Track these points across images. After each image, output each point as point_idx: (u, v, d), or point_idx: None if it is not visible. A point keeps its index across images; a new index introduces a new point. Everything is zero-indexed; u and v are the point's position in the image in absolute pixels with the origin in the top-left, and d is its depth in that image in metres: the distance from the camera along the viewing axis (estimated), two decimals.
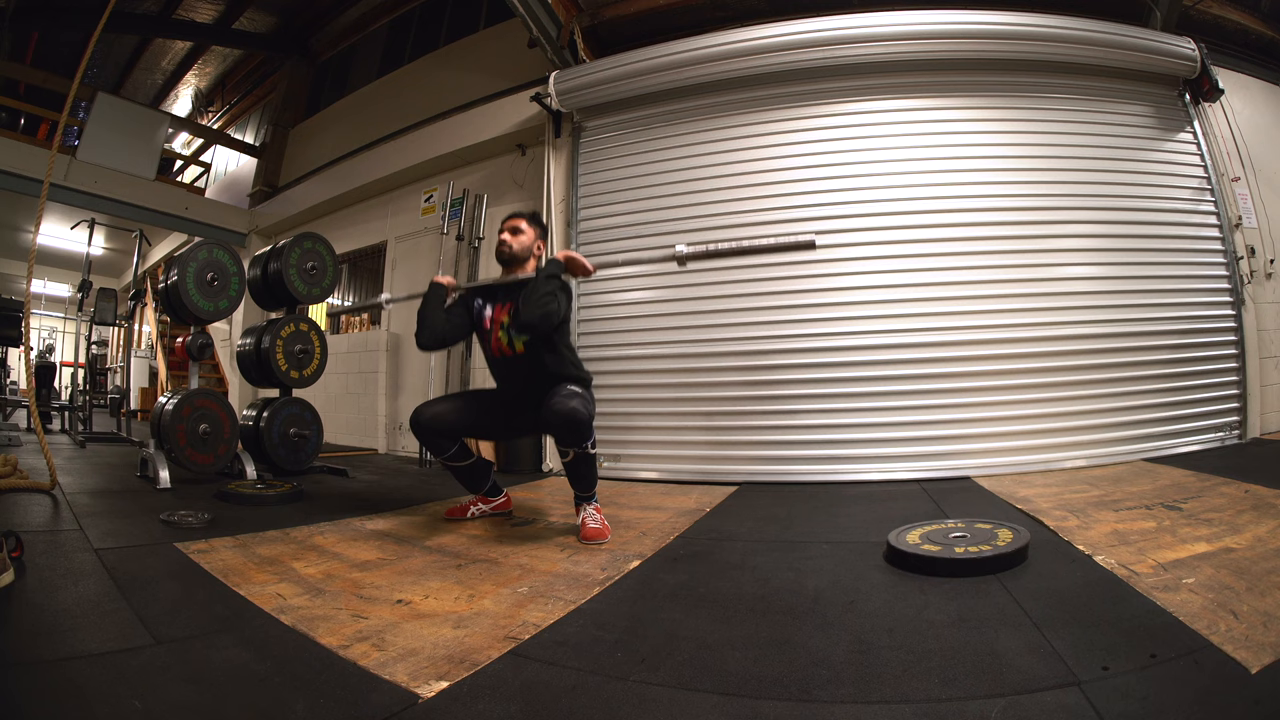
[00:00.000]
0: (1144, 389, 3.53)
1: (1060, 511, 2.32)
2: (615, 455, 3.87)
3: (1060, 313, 3.49)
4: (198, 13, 7.16)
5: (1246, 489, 2.45)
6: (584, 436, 2.20)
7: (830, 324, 3.55)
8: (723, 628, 1.43)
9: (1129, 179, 3.73)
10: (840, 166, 3.68)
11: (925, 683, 1.13)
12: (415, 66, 6.35)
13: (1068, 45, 3.68)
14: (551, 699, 1.11)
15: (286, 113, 7.80)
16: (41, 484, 2.72)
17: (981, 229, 3.54)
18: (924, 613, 1.45)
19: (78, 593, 1.55)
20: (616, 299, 4.05)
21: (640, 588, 1.73)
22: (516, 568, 1.91)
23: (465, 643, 1.33)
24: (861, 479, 3.33)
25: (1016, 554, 1.74)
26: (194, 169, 9.57)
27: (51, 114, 6.92)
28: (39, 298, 11.35)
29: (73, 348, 7.36)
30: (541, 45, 4.31)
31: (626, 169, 4.13)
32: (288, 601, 1.57)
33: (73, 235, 7.06)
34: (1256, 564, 1.60)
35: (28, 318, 3.18)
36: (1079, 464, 3.32)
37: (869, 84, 3.75)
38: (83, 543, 1.98)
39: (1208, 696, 1.03)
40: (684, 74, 3.90)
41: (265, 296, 3.87)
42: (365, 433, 5.64)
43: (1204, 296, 3.78)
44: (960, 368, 3.43)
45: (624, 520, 2.56)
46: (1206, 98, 3.96)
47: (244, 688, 1.14)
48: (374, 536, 2.30)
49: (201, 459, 3.21)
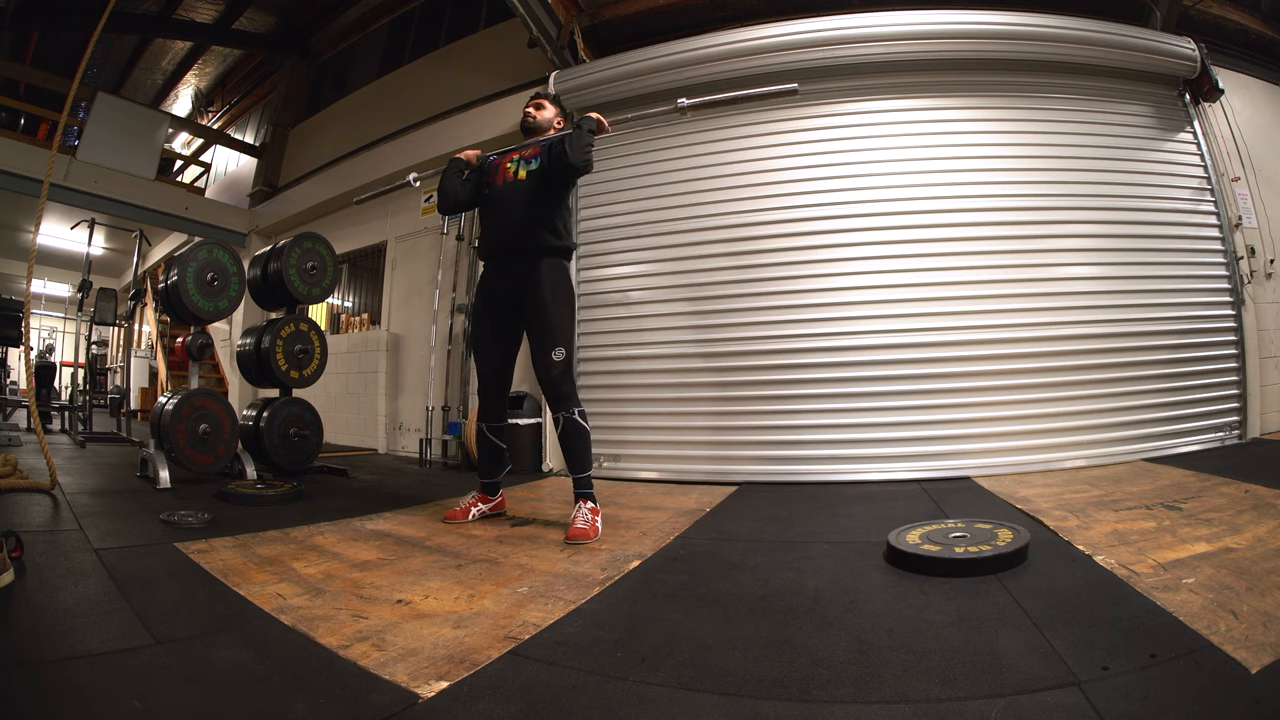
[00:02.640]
0: (1144, 389, 3.53)
1: (1060, 511, 2.31)
2: (615, 455, 3.87)
3: (1060, 313, 3.49)
4: (198, 13, 7.15)
5: (1246, 489, 2.45)
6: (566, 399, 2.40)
7: (830, 324, 3.55)
8: (723, 628, 1.43)
9: (1129, 179, 3.73)
10: (840, 166, 3.68)
11: (925, 683, 1.13)
12: (415, 66, 6.35)
13: (1068, 45, 3.68)
14: (551, 699, 1.11)
15: (286, 113, 7.80)
16: (41, 484, 2.72)
17: (981, 229, 3.54)
18: (924, 613, 1.45)
19: (78, 593, 1.55)
20: (617, 299, 4.05)
21: (640, 588, 1.73)
22: (516, 568, 1.91)
23: (465, 643, 1.33)
24: (861, 479, 3.33)
25: (1016, 554, 1.74)
26: (194, 169, 9.57)
27: (51, 114, 6.92)
28: (39, 298, 11.35)
29: (73, 348, 7.37)
30: (541, 45, 4.31)
31: (626, 169, 4.13)
32: (288, 601, 1.57)
33: (73, 235, 7.06)
34: (1256, 564, 1.60)
35: (28, 318, 3.18)
36: (1079, 464, 3.32)
37: (869, 84, 3.75)
38: (83, 543, 1.98)
39: (1208, 696, 1.03)
40: (684, 74, 3.90)
41: (265, 296, 3.88)
42: (365, 433, 5.64)
43: (1204, 296, 3.78)
44: (960, 368, 3.43)
45: (624, 520, 2.56)
46: (1206, 98, 3.96)
47: (244, 688, 1.14)
48: (374, 536, 2.30)
49: (201, 459, 3.21)
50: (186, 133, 9.43)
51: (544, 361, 2.41)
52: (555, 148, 2.43)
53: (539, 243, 2.46)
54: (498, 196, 2.55)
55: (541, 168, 2.48)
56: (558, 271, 2.48)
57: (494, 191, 2.57)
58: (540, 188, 2.48)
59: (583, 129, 2.38)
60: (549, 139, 2.52)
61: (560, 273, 2.49)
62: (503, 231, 2.52)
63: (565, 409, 2.40)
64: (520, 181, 2.50)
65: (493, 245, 2.56)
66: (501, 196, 2.54)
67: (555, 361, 2.39)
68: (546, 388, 2.43)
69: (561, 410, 2.41)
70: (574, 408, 2.41)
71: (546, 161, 2.47)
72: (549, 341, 2.41)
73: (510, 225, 2.49)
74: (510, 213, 2.50)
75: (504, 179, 2.54)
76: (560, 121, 2.69)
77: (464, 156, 2.63)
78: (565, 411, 2.40)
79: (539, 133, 2.62)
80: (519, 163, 2.53)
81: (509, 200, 2.51)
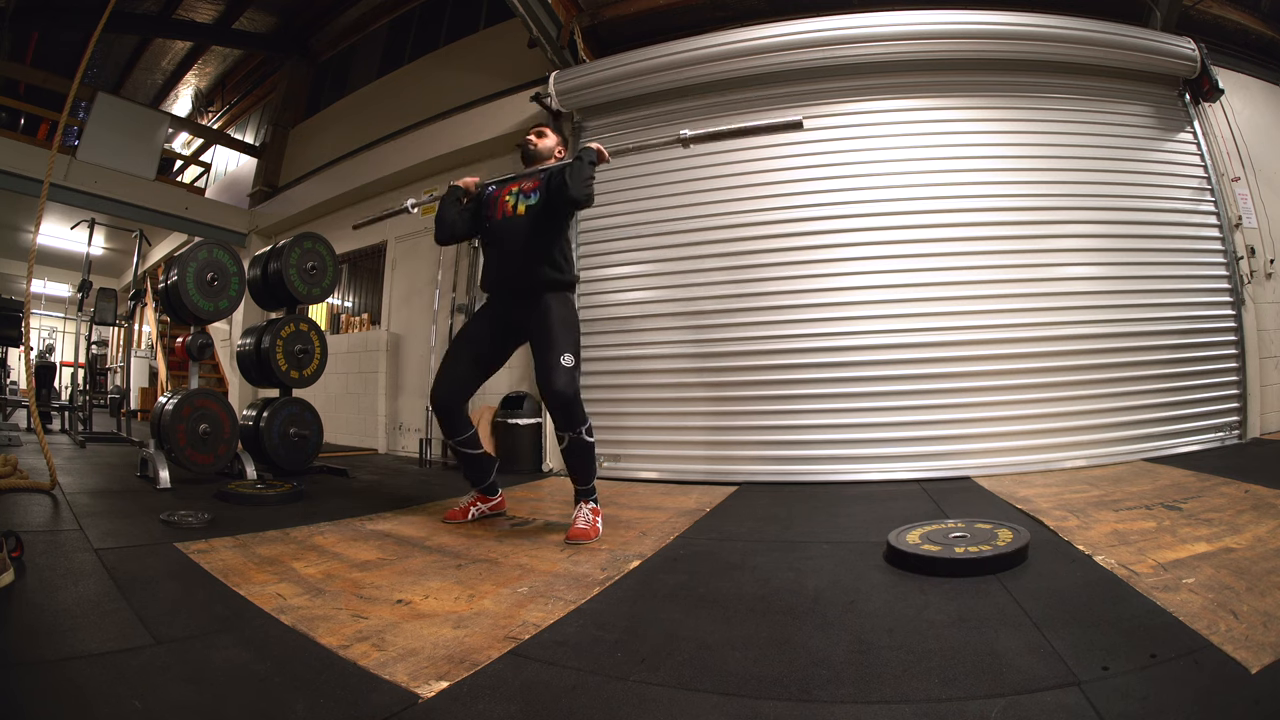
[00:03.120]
0: (1144, 389, 3.53)
1: (1060, 511, 2.31)
2: (615, 455, 3.87)
3: (1060, 313, 3.49)
4: (198, 13, 7.15)
5: (1246, 489, 2.45)
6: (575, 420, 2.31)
7: (830, 324, 3.55)
8: (723, 628, 1.43)
9: (1129, 179, 3.73)
10: (840, 166, 3.68)
11: (925, 683, 1.13)
12: (415, 66, 6.35)
13: (1068, 45, 3.68)
14: (551, 699, 1.11)
15: (286, 113, 7.80)
16: (41, 484, 2.72)
17: (981, 229, 3.54)
18: (924, 613, 1.45)
19: (78, 593, 1.55)
20: (617, 299, 4.05)
21: (640, 588, 1.73)
22: (516, 568, 1.91)
23: (465, 643, 1.33)
24: (862, 479, 3.33)
25: (1016, 554, 1.74)
26: (194, 169, 9.56)
27: (51, 114, 6.91)
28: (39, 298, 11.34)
29: (73, 348, 7.36)
30: (541, 45, 4.31)
31: (627, 169, 4.12)
32: (288, 601, 1.57)
33: (73, 235, 7.06)
34: (1256, 564, 1.60)
35: (28, 318, 3.18)
36: (1079, 464, 3.32)
37: (869, 84, 3.75)
38: (83, 543, 1.98)
39: (1208, 696, 1.03)
40: (684, 74, 3.90)
41: (265, 296, 3.87)
42: (365, 433, 5.64)
43: (1204, 296, 3.78)
44: (960, 368, 3.43)
45: (624, 520, 2.56)
46: (1206, 98, 3.96)
47: (244, 688, 1.14)
48: (374, 536, 2.30)
49: (201, 459, 3.21)
50: (186, 133, 9.43)
51: (552, 388, 2.31)
52: (555, 179, 2.38)
53: (541, 278, 2.42)
54: (497, 231, 2.52)
55: (541, 202, 2.44)
56: (564, 306, 2.43)
57: (493, 225, 2.53)
58: (539, 222, 2.44)
59: (583, 160, 2.35)
60: (549, 169, 2.47)
61: (566, 306, 2.45)
62: (503, 267, 2.50)
63: (572, 429, 2.34)
64: (519, 217, 2.46)
65: (494, 280, 2.54)
66: (501, 231, 2.50)
67: (561, 390, 2.29)
68: (556, 412, 2.33)
69: (568, 430, 2.34)
70: (580, 426, 2.34)
71: (546, 194, 2.43)
72: (559, 368, 2.31)
73: (511, 261, 2.46)
74: (510, 248, 2.47)
75: (503, 213, 2.50)
76: (561, 150, 2.65)
77: (462, 184, 2.58)
78: (572, 431, 2.34)
79: (539, 161, 2.58)
80: (518, 196, 2.49)
81: (508, 235, 2.48)
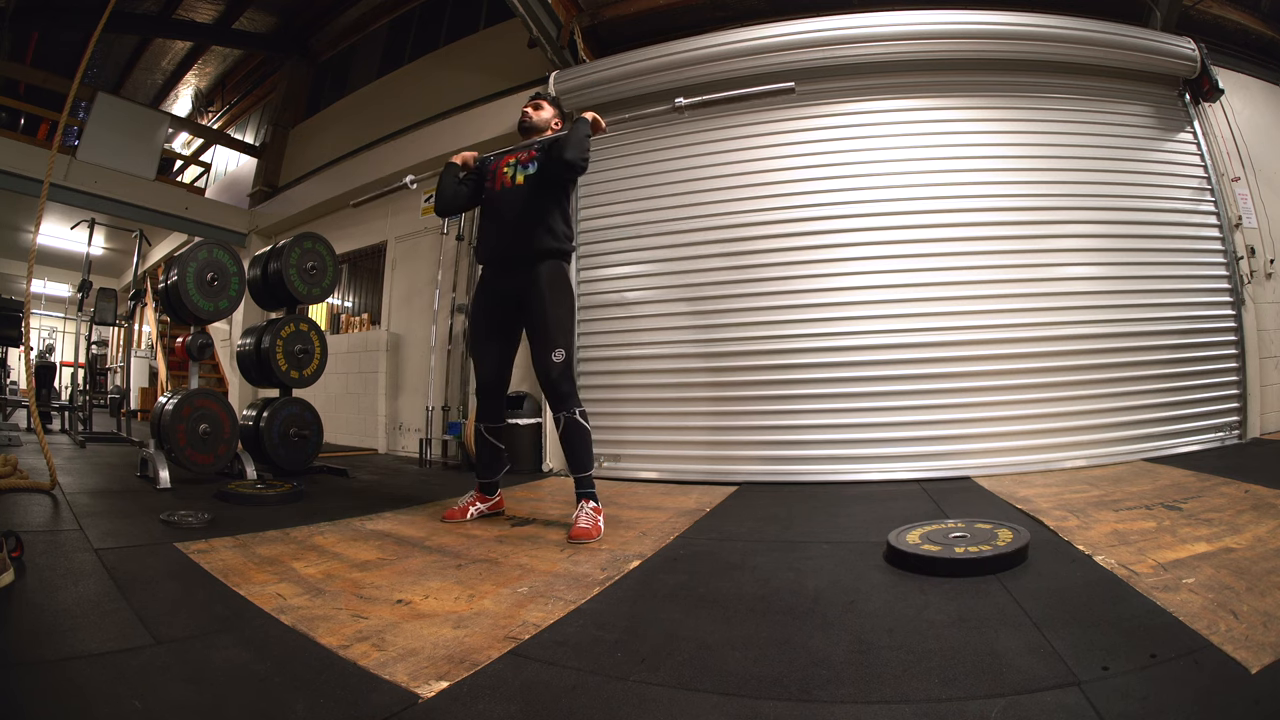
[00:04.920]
0: (1144, 389, 3.53)
1: (1060, 511, 2.31)
2: (615, 455, 3.87)
3: (1060, 313, 3.49)
4: (198, 13, 7.15)
5: (1246, 489, 2.44)
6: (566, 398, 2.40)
7: (830, 324, 3.55)
8: (723, 628, 1.42)
9: (1129, 179, 3.73)
10: (840, 166, 3.68)
11: (925, 683, 1.12)
12: (415, 66, 6.35)
13: (1068, 45, 3.67)
14: (551, 699, 1.11)
15: (286, 113, 7.80)
16: (41, 484, 2.72)
17: (981, 229, 3.54)
18: (924, 613, 1.45)
19: (78, 593, 1.55)
20: (617, 299, 4.05)
21: (640, 588, 1.73)
22: (516, 568, 1.91)
23: (465, 643, 1.33)
24: (862, 479, 3.33)
25: (1016, 554, 1.74)
26: (194, 169, 9.57)
27: (51, 114, 6.91)
28: (39, 298, 11.35)
29: (73, 348, 7.36)
30: (541, 45, 4.31)
31: (626, 169, 4.13)
32: (288, 601, 1.57)
33: (73, 235, 7.06)
34: (1256, 564, 1.60)
35: (28, 318, 3.17)
36: (1079, 464, 3.32)
37: (869, 84, 3.75)
38: (83, 543, 1.98)
39: (1208, 696, 1.03)
40: (684, 74, 3.90)
41: (265, 296, 3.87)
42: (365, 433, 5.64)
43: (1204, 296, 3.78)
44: (960, 368, 3.43)
45: (624, 520, 2.56)
46: (1206, 98, 3.96)
47: (244, 688, 1.14)
48: (374, 536, 2.30)
49: (201, 459, 3.21)
50: (186, 133, 9.43)
51: (544, 362, 2.41)
52: (553, 148, 2.44)
53: (538, 246, 2.46)
54: (496, 201, 2.56)
55: (539, 171, 2.49)
56: (557, 273, 2.49)
57: (492, 196, 2.57)
58: (538, 191, 2.48)
59: (579, 128, 2.40)
60: (545, 140, 2.52)
61: (559, 274, 2.50)
62: (501, 236, 2.53)
63: (565, 409, 2.41)
64: (518, 187, 2.51)
65: (491, 250, 2.57)
66: (500, 202, 2.55)
67: (555, 363, 2.40)
68: (547, 388, 2.44)
69: (562, 410, 2.42)
70: (574, 407, 2.42)
71: (544, 162, 2.48)
72: (549, 343, 2.42)
73: (509, 230, 2.50)
74: (509, 218, 2.51)
75: (502, 184, 2.55)
76: (558, 122, 2.69)
77: (459, 160, 2.63)
78: (566, 411, 2.41)
79: (536, 133, 2.62)
80: (515, 167, 2.53)
81: (507, 205, 2.52)
